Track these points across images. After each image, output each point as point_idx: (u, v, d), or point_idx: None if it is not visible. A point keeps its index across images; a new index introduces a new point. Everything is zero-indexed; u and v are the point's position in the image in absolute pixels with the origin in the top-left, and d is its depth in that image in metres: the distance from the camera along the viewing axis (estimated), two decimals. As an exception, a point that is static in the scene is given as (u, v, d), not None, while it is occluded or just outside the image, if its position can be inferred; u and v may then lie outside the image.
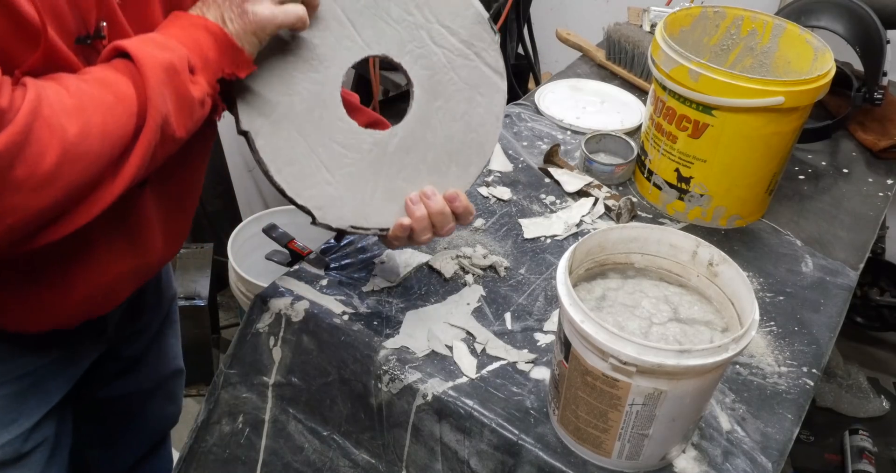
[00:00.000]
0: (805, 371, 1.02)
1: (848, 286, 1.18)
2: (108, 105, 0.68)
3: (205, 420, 1.14)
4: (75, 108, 0.66)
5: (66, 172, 0.66)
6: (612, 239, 0.89)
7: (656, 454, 0.87)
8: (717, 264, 0.86)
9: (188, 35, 0.75)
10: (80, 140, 0.67)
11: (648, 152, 1.28)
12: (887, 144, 1.48)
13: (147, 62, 0.70)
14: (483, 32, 0.89)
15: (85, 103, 0.67)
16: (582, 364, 0.79)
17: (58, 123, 0.65)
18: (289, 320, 1.04)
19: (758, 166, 1.21)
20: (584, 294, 0.88)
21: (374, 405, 1.00)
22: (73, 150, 0.66)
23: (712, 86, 1.12)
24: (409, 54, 0.86)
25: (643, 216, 1.28)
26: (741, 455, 0.90)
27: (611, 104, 1.56)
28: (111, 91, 0.69)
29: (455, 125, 0.90)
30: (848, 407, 2.05)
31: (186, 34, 0.75)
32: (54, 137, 0.65)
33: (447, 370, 0.97)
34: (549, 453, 0.89)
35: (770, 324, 1.09)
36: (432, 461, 0.98)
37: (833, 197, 1.38)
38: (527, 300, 1.08)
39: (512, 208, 1.26)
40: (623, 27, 1.67)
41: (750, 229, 1.28)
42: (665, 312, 0.86)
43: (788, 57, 1.28)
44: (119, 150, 0.70)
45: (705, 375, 0.77)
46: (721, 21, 1.31)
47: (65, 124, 0.65)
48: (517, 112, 1.51)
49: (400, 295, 1.07)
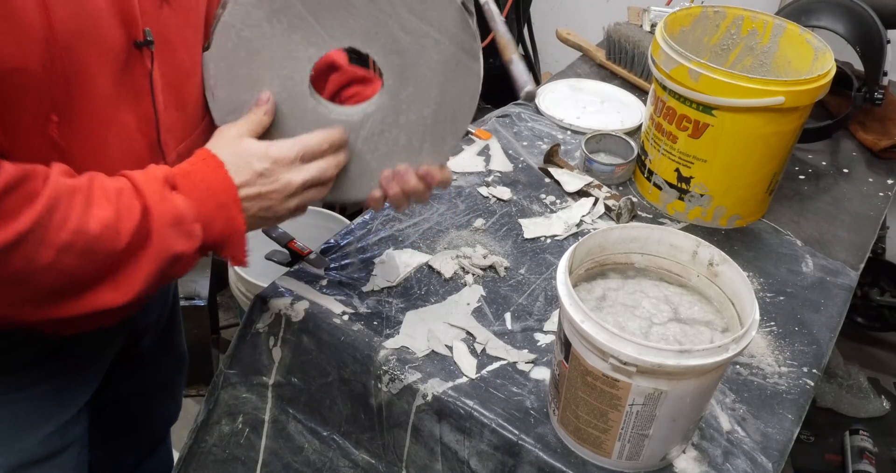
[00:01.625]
0: (805, 371, 1.02)
1: (848, 286, 1.17)
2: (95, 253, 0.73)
3: (204, 420, 1.14)
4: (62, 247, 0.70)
5: (13, 284, 0.70)
6: (612, 239, 0.89)
7: (656, 454, 0.86)
8: (718, 264, 0.86)
9: (215, 222, 0.79)
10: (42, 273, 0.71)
11: (648, 152, 1.28)
12: (888, 143, 1.48)
13: (159, 247, 0.75)
14: (455, 14, 0.86)
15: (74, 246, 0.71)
16: (582, 364, 0.79)
17: (30, 253, 0.69)
18: (289, 320, 1.04)
19: (758, 166, 1.21)
20: (584, 294, 0.87)
21: (374, 406, 1.00)
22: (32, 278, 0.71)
23: (712, 86, 1.12)
24: (376, 43, 0.85)
25: (643, 216, 1.28)
26: (741, 455, 0.90)
27: (611, 104, 1.56)
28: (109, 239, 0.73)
29: (427, 109, 0.90)
30: (848, 407, 2.05)
31: (215, 219, 0.79)
32: (20, 261, 0.69)
33: (447, 371, 0.97)
34: (550, 453, 0.89)
35: (770, 324, 1.09)
36: (432, 461, 0.98)
37: (833, 197, 1.37)
38: (527, 300, 1.08)
39: (512, 208, 1.26)
40: (623, 27, 1.67)
41: (750, 229, 1.28)
42: (665, 312, 0.86)
43: (789, 57, 1.28)
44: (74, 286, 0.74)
45: (705, 375, 0.77)
46: (721, 21, 1.31)
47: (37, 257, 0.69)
48: (517, 112, 1.51)
49: (400, 295, 1.07)
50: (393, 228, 1.19)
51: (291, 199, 0.83)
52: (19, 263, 0.68)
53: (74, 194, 0.71)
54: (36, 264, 0.69)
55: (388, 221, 1.20)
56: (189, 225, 0.77)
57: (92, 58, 0.73)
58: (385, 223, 1.20)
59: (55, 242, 0.69)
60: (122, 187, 0.74)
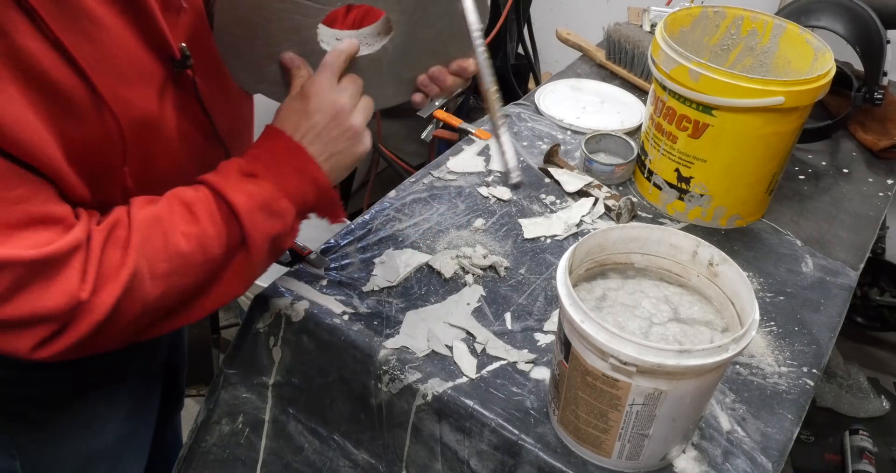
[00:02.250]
0: (805, 371, 1.02)
1: (848, 286, 1.17)
2: (196, 266, 0.76)
3: (204, 419, 1.14)
4: (164, 274, 0.74)
5: (137, 323, 0.74)
6: (612, 239, 0.89)
7: (656, 454, 0.86)
8: (718, 264, 0.86)
9: (298, 187, 0.82)
10: (159, 302, 0.75)
11: (648, 152, 1.28)
12: (887, 143, 1.48)
13: (256, 237, 0.79)
14: None
15: (174, 269, 0.74)
16: (582, 364, 0.79)
17: (141, 293, 0.72)
18: (289, 320, 1.04)
19: (758, 166, 1.21)
20: (584, 294, 0.87)
21: (374, 406, 1.00)
22: (151, 309, 0.74)
23: (712, 86, 1.12)
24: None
25: (643, 216, 1.28)
26: (741, 455, 0.90)
27: (611, 104, 1.56)
28: (204, 251, 0.76)
29: (441, 21, 0.91)
30: (848, 407, 2.05)
31: (296, 185, 0.81)
32: (136, 304, 0.72)
33: (447, 370, 0.97)
34: (549, 453, 0.89)
35: (770, 324, 1.09)
36: (432, 461, 0.98)
37: (833, 197, 1.37)
38: (527, 300, 1.08)
39: (512, 208, 1.26)
40: (623, 27, 1.67)
41: (750, 229, 1.28)
42: (665, 312, 0.86)
43: (788, 57, 1.28)
44: (191, 297, 0.79)
45: (705, 375, 0.77)
46: (721, 21, 1.31)
47: (149, 291, 0.73)
48: (517, 112, 1.51)
49: (400, 295, 1.07)
50: (393, 228, 1.19)
51: (348, 116, 0.85)
52: (136, 305, 0.72)
53: (158, 222, 0.74)
54: (149, 298, 0.73)
55: (388, 221, 1.20)
56: (276, 204, 0.80)
57: (137, 91, 0.76)
58: (385, 223, 1.20)
59: (158, 273, 0.73)
60: (199, 196, 0.77)
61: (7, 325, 0.68)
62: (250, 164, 0.81)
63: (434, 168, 1.33)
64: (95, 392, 1.02)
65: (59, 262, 0.68)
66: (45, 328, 0.69)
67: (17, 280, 0.66)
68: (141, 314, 0.74)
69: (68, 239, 0.69)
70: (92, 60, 0.69)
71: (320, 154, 0.83)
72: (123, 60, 0.74)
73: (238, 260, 0.80)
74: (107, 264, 0.70)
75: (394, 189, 1.28)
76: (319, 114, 0.83)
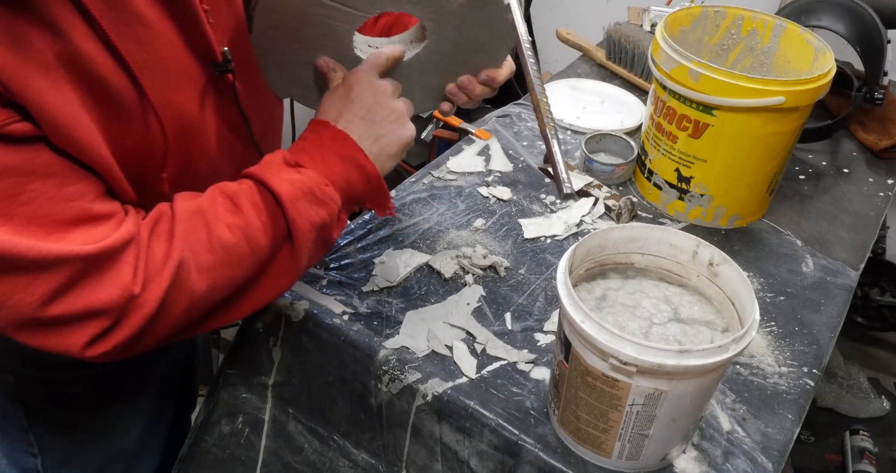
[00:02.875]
0: (805, 372, 1.02)
1: (848, 286, 1.17)
2: (242, 257, 0.75)
3: (204, 420, 1.14)
4: (210, 267, 0.73)
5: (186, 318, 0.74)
6: (612, 239, 0.89)
7: (656, 454, 0.86)
8: (718, 264, 0.86)
9: (343, 174, 0.80)
10: (207, 295, 0.74)
11: (648, 152, 1.28)
12: (888, 143, 1.48)
13: (301, 226, 0.77)
14: None
15: (220, 261, 0.74)
16: (582, 364, 0.79)
17: (189, 286, 0.72)
18: (289, 320, 1.04)
19: (758, 166, 1.21)
20: (584, 294, 0.87)
21: (374, 406, 1.00)
22: (199, 303, 0.73)
23: (712, 86, 1.12)
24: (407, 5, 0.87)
25: (643, 216, 1.28)
26: (741, 455, 0.90)
27: (611, 104, 1.56)
28: (249, 242, 0.75)
29: (474, 31, 0.91)
30: (848, 407, 2.05)
31: (341, 172, 0.80)
32: (184, 297, 0.72)
33: (447, 371, 0.97)
34: (550, 453, 0.89)
35: (770, 324, 1.09)
36: (432, 461, 0.98)
37: (833, 197, 1.37)
38: (527, 300, 1.08)
39: (512, 208, 1.26)
40: (623, 27, 1.67)
41: (750, 229, 1.28)
42: (665, 312, 0.86)
43: (789, 57, 1.28)
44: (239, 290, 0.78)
45: (706, 375, 0.77)
46: (721, 21, 1.31)
47: (195, 285, 0.72)
48: (517, 112, 1.51)
49: (400, 295, 1.07)
50: (393, 228, 1.19)
51: (391, 99, 0.84)
52: (184, 299, 0.72)
53: (201, 214, 0.74)
54: (197, 292, 0.72)
55: (388, 221, 1.20)
56: (321, 191, 0.78)
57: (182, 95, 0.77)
58: (385, 223, 1.19)
59: (203, 265, 0.72)
60: (242, 188, 0.77)
61: (61, 321, 0.67)
62: (294, 154, 0.80)
63: (434, 168, 1.33)
64: (119, 394, 1.02)
65: (113, 256, 0.68)
66: (98, 324, 0.68)
67: (74, 275, 0.66)
68: (189, 307, 0.73)
69: (122, 233, 0.69)
70: (142, 63, 0.70)
71: (365, 139, 0.82)
72: (171, 63, 0.74)
73: (284, 251, 0.78)
74: (153, 258, 0.70)
75: (394, 189, 1.28)
76: (361, 99, 0.83)
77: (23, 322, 0.66)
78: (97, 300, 0.67)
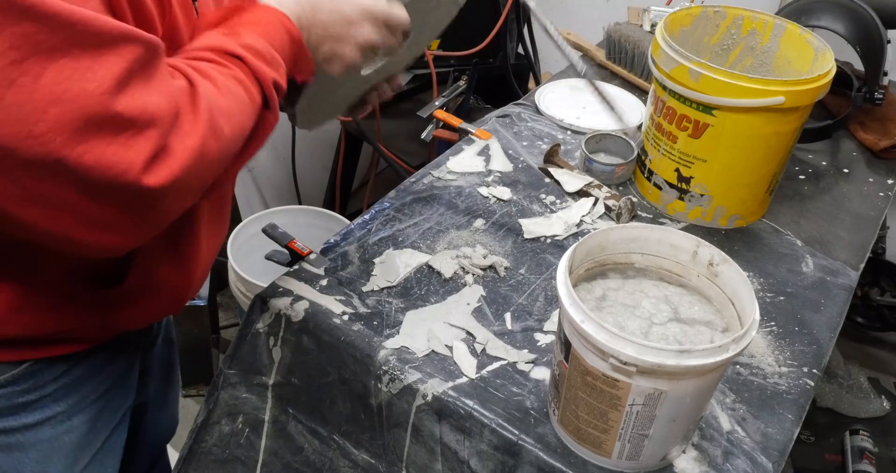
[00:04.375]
0: (805, 371, 1.02)
1: (848, 286, 1.17)
2: (246, 105, 0.71)
3: (204, 420, 1.14)
4: (228, 110, 0.68)
5: (220, 166, 0.68)
6: (612, 239, 0.89)
7: (656, 454, 0.86)
8: (718, 264, 0.86)
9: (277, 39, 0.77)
10: (231, 141, 0.68)
11: (649, 152, 1.28)
12: (888, 143, 1.48)
13: (266, 80, 0.74)
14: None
15: (234, 106, 0.69)
16: (582, 364, 0.79)
17: (220, 129, 0.66)
18: (288, 320, 1.04)
19: (758, 166, 1.21)
20: (584, 294, 0.87)
21: (374, 406, 1.00)
22: (226, 150, 0.68)
23: (712, 86, 1.12)
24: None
25: (643, 216, 1.28)
26: (741, 455, 0.90)
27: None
28: (245, 91, 0.71)
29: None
30: (848, 407, 2.05)
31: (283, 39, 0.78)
32: (217, 141, 0.66)
33: (447, 371, 0.97)
34: (550, 453, 0.89)
35: (770, 324, 1.09)
36: (432, 461, 0.98)
37: (833, 197, 1.37)
38: (527, 300, 1.08)
39: (512, 208, 1.26)
40: (623, 27, 1.67)
41: (750, 229, 1.28)
42: (665, 312, 0.86)
43: (789, 57, 1.28)
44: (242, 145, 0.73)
45: (705, 375, 0.77)
46: (721, 21, 1.31)
47: (223, 128, 0.67)
48: (517, 112, 1.51)
49: (400, 295, 1.07)
50: (393, 228, 1.19)
51: (353, 43, 0.85)
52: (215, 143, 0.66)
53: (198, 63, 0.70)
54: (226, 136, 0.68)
55: (388, 221, 1.20)
56: (271, 53, 0.75)
57: None
58: (385, 223, 1.20)
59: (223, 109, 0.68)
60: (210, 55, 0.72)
61: (122, 124, 0.57)
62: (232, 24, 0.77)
63: (434, 168, 1.33)
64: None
65: (160, 55, 0.61)
66: (152, 138, 0.59)
67: (135, 62, 0.57)
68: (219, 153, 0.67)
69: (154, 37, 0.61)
70: None
71: (313, 38, 0.82)
72: None
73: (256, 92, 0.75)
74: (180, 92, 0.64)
75: (394, 189, 1.28)
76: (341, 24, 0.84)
77: (84, 121, 0.55)
78: (152, 103, 0.59)
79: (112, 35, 0.56)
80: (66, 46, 0.54)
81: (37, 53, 0.54)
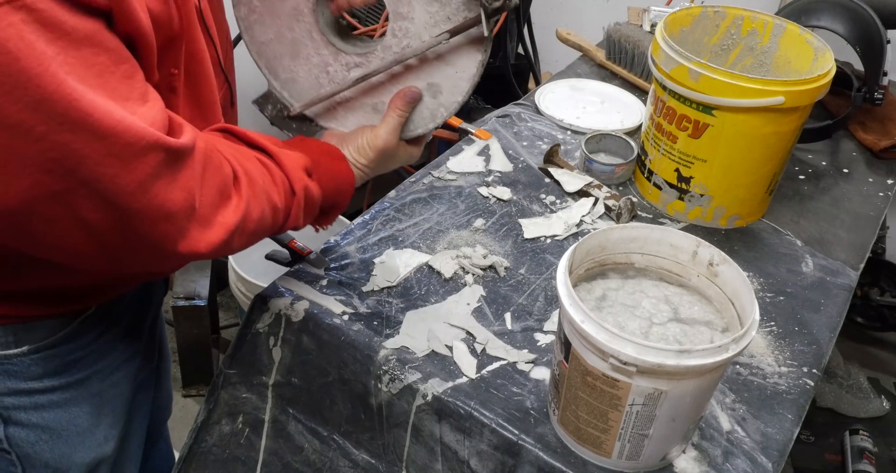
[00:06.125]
0: (805, 371, 1.02)
1: (848, 286, 1.17)
2: (266, 230, 0.82)
3: (204, 420, 1.14)
4: (254, 230, 0.79)
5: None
6: (612, 239, 0.89)
7: (656, 454, 0.86)
8: (718, 264, 0.86)
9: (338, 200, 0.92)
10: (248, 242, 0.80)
11: (648, 152, 1.28)
12: (888, 143, 1.48)
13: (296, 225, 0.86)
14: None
15: (259, 230, 0.80)
16: (582, 364, 0.79)
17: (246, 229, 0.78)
18: (289, 320, 1.04)
19: (758, 166, 1.21)
20: (584, 294, 0.87)
21: (374, 406, 1.00)
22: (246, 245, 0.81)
23: (712, 86, 1.12)
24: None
25: (643, 216, 1.28)
26: (741, 455, 0.90)
27: (611, 104, 1.56)
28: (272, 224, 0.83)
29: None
30: (848, 407, 2.04)
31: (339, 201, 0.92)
32: (241, 236, 0.78)
33: (447, 370, 0.97)
34: (550, 453, 0.89)
35: (770, 324, 1.09)
36: (432, 461, 0.98)
37: (833, 197, 1.37)
38: (527, 300, 1.08)
39: (512, 208, 1.26)
40: (623, 27, 1.67)
41: (750, 229, 1.28)
42: (665, 312, 0.86)
43: (788, 57, 1.28)
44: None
45: (705, 375, 0.77)
46: (721, 21, 1.31)
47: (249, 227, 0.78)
48: (517, 112, 1.51)
49: (400, 295, 1.07)
50: (393, 228, 1.19)
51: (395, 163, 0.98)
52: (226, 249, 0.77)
53: (254, 183, 0.79)
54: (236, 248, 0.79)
55: (388, 221, 1.20)
56: (315, 208, 0.88)
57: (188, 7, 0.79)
58: (385, 223, 1.20)
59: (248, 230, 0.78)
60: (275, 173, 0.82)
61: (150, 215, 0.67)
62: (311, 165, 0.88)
63: (434, 168, 1.33)
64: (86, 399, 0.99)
65: (187, 155, 0.68)
66: (168, 229, 0.68)
67: (159, 165, 0.65)
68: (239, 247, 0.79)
69: (190, 135, 0.68)
70: None
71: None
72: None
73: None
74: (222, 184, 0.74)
75: (394, 189, 1.28)
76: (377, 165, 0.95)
77: None
78: (170, 200, 0.67)
79: (140, 145, 0.63)
80: (99, 156, 0.61)
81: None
